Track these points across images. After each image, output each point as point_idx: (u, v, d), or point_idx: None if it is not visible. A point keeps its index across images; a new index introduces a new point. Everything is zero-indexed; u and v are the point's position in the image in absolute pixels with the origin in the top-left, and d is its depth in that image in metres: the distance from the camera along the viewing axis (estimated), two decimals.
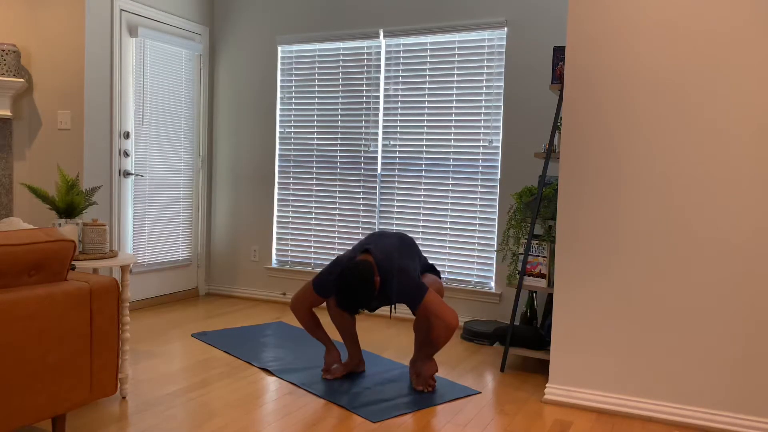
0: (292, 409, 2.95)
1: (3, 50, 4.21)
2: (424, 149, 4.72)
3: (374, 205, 4.90)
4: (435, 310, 3.04)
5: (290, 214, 5.25)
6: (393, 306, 4.80)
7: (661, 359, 2.94)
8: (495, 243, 4.52)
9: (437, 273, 3.46)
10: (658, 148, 2.92)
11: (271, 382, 3.31)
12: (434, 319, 3.05)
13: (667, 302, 2.92)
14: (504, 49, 4.44)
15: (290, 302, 3.32)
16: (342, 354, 3.77)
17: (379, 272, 3.07)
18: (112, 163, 4.55)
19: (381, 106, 4.85)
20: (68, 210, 2.97)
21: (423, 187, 4.74)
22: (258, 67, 5.30)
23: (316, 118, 5.10)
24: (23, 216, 4.49)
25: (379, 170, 4.88)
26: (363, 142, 4.93)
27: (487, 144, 4.52)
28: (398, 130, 4.80)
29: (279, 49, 5.23)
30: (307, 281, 3.36)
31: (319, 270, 5.12)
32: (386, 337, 4.25)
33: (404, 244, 3.26)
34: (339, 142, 5.02)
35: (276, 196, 5.30)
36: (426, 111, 4.70)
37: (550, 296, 3.80)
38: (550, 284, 3.55)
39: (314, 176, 5.13)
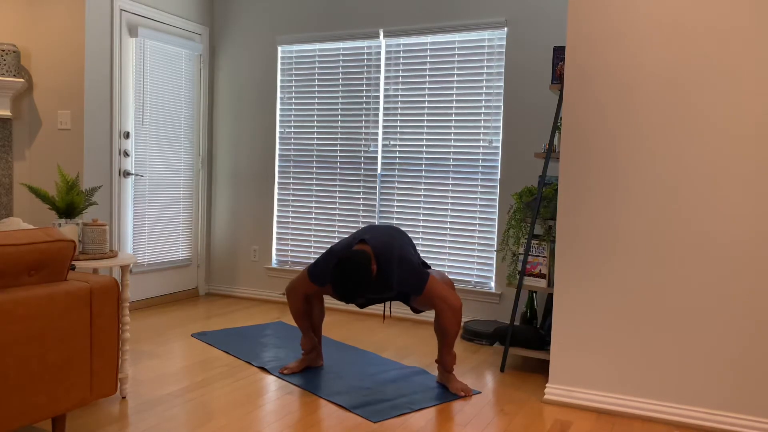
0: (292, 409, 2.95)
1: (3, 50, 4.21)
2: (424, 149, 4.71)
3: (374, 205, 4.90)
4: (438, 293, 3.10)
5: (290, 214, 5.25)
6: (389, 307, 4.80)
7: (661, 359, 2.94)
8: (495, 243, 4.52)
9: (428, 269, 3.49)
10: (658, 148, 2.92)
11: (271, 382, 3.31)
12: (439, 302, 3.11)
13: (668, 302, 2.92)
14: (504, 49, 4.44)
15: (286, 288, 3.37)
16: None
17: (377, 261, 3.10)
18: (112, 163, 4.55)
19: (381, 106, 4.85)
20: (68, 210, 2.97)
21: (423, 187, 4.73)
22: (258, 67, 5.30)
23: (316, 118, 5.10)
24: (23, 216, 4.49)
25: (379, 170, 4.88)
26: (363, 142, 4.92)
27: (487, 144, 4.52)
28: (398, 130, 4.80)
29: (279, 49, 5.22)
30: (303, 269, 3.39)
31: None
32: (386, 337, 4.25)
33: (401, 236, 3.30)
34: (339, 142, 5.02)
35: (276, 196, 5.30)
36: (426, 111, 4.70)
37: (550, 296, 3.80)
38: (550, 284, 3.55)
39: (314, 176, 5.12)
